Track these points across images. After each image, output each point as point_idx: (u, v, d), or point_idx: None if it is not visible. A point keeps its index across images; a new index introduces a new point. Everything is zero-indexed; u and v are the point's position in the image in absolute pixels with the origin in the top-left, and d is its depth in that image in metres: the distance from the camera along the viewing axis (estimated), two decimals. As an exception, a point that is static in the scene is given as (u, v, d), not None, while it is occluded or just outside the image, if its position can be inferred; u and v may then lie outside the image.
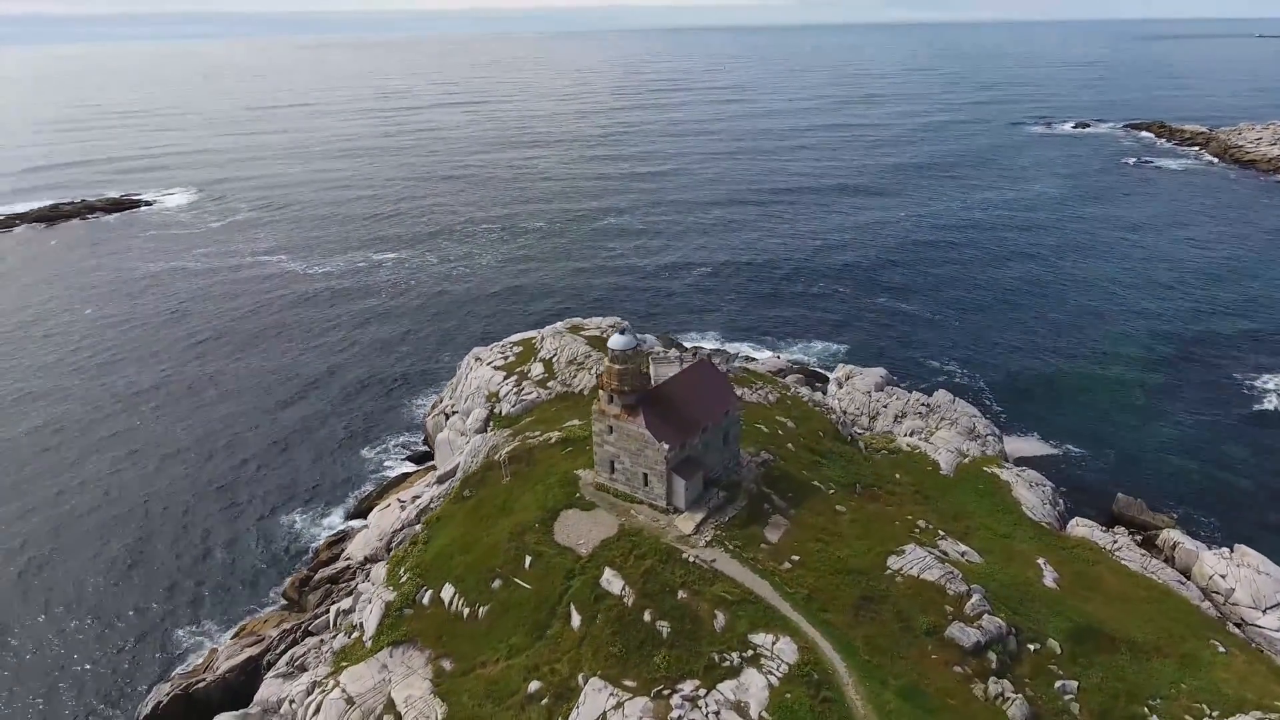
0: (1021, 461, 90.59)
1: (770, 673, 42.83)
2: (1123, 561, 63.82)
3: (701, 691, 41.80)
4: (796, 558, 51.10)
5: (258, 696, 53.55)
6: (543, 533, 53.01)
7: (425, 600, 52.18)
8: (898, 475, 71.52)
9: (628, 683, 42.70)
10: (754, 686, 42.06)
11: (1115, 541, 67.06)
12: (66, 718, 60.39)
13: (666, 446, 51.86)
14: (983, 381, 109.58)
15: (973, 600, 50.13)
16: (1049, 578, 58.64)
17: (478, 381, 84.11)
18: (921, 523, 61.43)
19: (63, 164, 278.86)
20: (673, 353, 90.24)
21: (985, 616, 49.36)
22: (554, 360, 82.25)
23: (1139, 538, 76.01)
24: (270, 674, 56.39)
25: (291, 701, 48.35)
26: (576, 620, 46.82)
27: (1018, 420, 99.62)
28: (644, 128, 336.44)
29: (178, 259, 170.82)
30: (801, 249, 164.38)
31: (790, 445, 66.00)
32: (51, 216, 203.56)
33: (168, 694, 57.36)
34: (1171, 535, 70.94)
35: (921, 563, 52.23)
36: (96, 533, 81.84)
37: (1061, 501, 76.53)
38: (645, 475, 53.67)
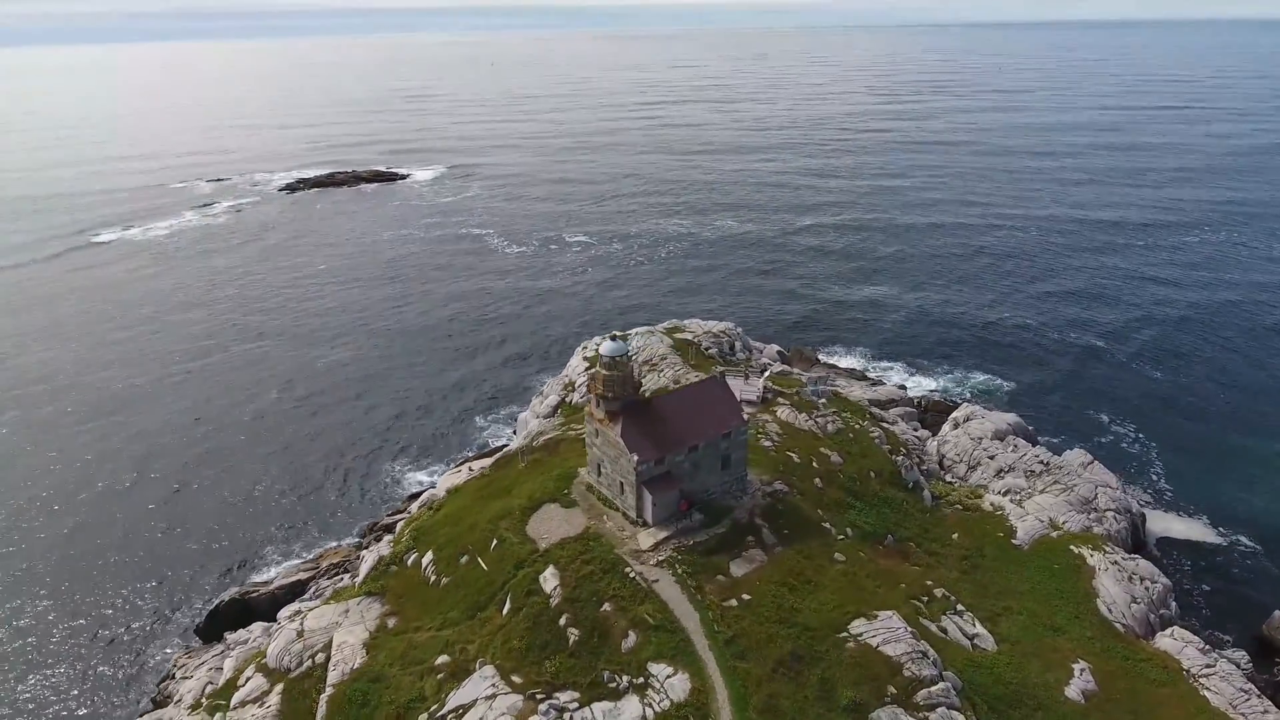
0: (1167, 543, 77.37)
1: (650, 704, 41.46)
2: (1206, 691, 52.35)
3: (574, 705, 41.57)
4: (748, 597, 48.33)
5: (280, 613, 61.34)
6: (519, 520, 54.91)
7: (410, 561, 56.47)
8: (955, 535, 64.11)
9: (515, 678, 43.57)
10: (627, 714, 41.00)
11: (1211, 665, 54.98)
12: (155, 597, 73.09)
13: (636, 458, 51.32)
14: (1158, 451, 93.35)
15: (934, 689, 44.30)
16: (1077, 687, 49.88)
17: (568, 369, 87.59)
18: (940, 591, 54.97)
19: (350, 141, 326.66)
20: (766, 368, 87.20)
21: (941, 710, 43.48)
22: (633, 357, 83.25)
23: (1282, 673, 61.64)
24: (300, 598, 64.25)
25: (278, 623, 55.03)
26: (506, 609, 48.37)
27: (1187, 497, 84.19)
28: (888, 135, 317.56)
29: (407, 226, 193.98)
30: (1021, 292, 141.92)
31: (818, 481, 61.73)
32: (327, 182, 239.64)
33: (229, 596, 67.50)
34: (1305, 676, 56.59)
35: (891, 634, 46.91)
36: (241, 454, 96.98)
37: (1174, 605, 63.87)
38: (621, 484, 53.53)
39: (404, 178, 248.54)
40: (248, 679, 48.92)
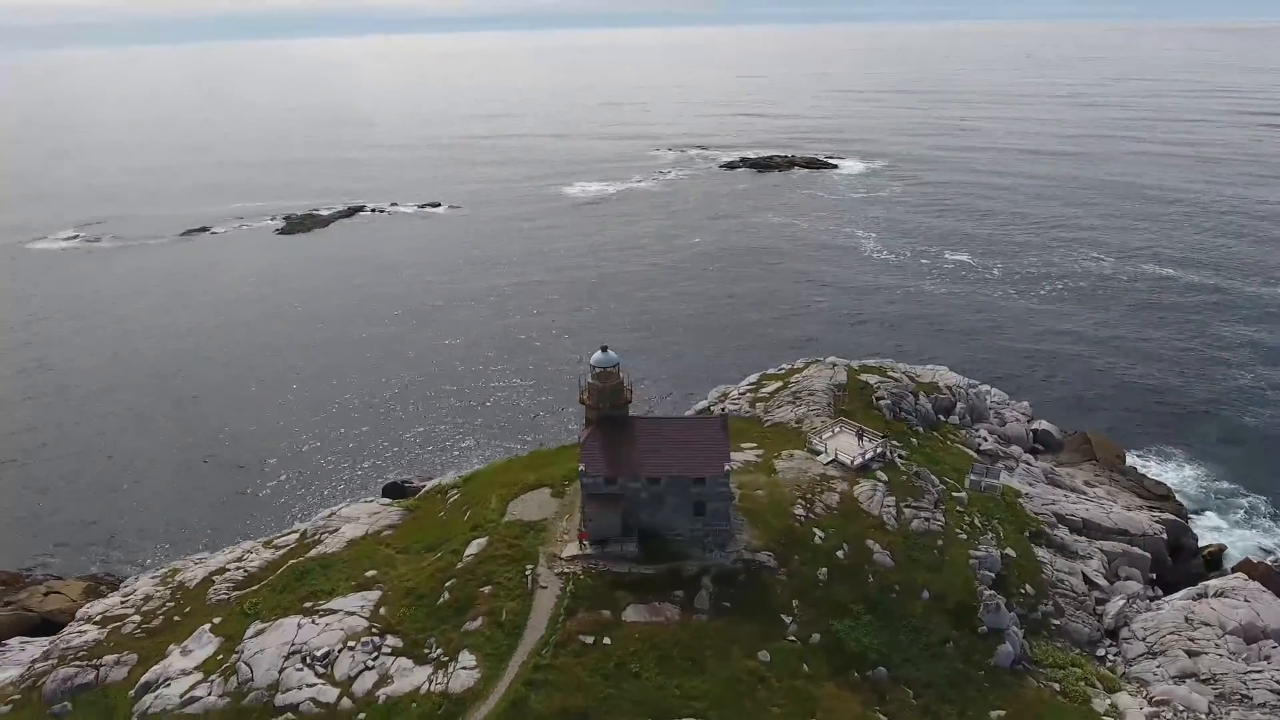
0: None
1: (432, 681, 44.06)
2: None
3: (387, 651, 46.31)
4: (608, 642, 46.17)
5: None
6: (514, 494, 59.27)
7: (448, 496, 65.40)
8: (998, 713, 49.08)
9: (382, 610, 49.69)
10: (411, 679, 44.38)
11: None
12: (384, 462, 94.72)
13: (582, 467, 51.74)
14: None
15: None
16: None
17: (744, 380, 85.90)
18: (870, 749, 44.18)
19: (817, 127, 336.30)
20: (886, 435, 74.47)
21: None
22: (789, 386, 77.93)
23: None
24: (421, 498, 78.21)
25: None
26: (437, 556, 54.30)
27: None
28: None
29: (794, 216, 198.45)
30: None
31: (824, 571, 52.84)
32: (763, 165, 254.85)
33: (391, 479, 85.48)
34: None
35: (713, 749, 40.86)
36: (503, 366, 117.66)
37: None
38: (585, 490, 54.32)
39: (834, 167, 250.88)
40: (293, 536, 63.82)
